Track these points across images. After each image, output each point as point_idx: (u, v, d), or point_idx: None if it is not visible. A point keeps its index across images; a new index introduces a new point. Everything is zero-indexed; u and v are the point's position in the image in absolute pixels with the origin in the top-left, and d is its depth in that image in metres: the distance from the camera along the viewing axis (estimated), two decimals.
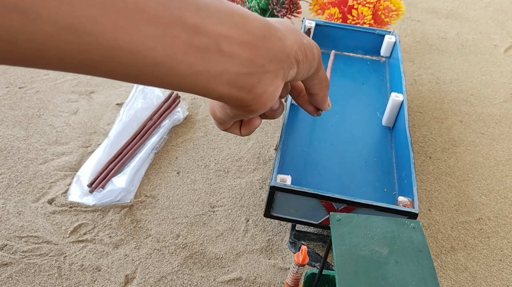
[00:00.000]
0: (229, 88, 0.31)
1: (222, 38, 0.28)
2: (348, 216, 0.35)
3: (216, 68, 0.29)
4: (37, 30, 0.21)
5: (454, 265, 0.57)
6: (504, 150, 0.74)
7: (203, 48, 0.27)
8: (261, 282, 0.53)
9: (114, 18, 0.23)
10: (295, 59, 0.35)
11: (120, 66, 0.25)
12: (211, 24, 0.28)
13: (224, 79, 0.30)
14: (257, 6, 0.84)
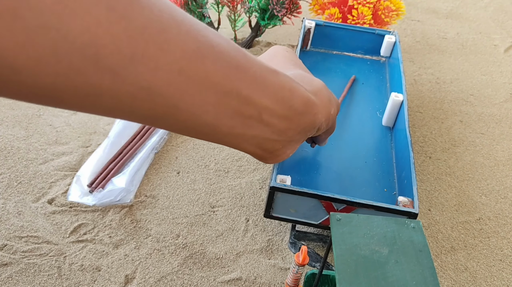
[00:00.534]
0: (255, 148, 0.34)
1: (266, 109, 0.31)
2: (348, 216, 0.35)
3: (251, 133, 0.31)
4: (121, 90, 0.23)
5: (454, 265, 0.57)
6: (504, 150, 0.74)
7: (247, 115, 0.30)
8: (261, 282, 0.53)
9: (184, 84, 0.25)
10: (318, 128, 0.38)
11: (176, 123, 0.27)
12: (261, 97, 0.30)
13: (254, 142, 0.33)
14: (257, 6, 0.84)
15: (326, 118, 0.38)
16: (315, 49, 0.79)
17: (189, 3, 0.81)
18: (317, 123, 0.36)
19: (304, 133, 0.36)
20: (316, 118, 0.36)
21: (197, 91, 0.26)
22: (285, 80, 0.32)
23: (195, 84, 0.25)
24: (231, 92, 0.28)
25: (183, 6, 0.80)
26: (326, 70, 0.75)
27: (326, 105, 0.37)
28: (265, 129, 0.32)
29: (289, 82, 0.32)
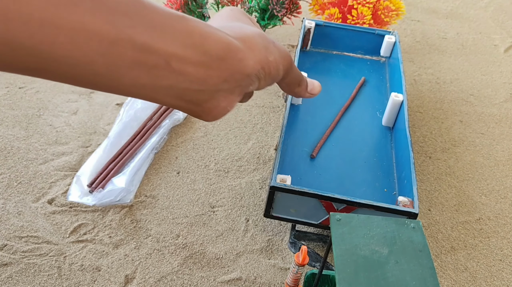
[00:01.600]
0: (176, 100, 0.32)
1: (174, 57, 0.29)
2: (348, 216, 0.35)
3: (163, 83, 0.30)
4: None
5: (454, 265, 0.57)
6: (504, 150, 0.74)
7: (151, 65, 0.28)
8: (261, 282, 0.53)
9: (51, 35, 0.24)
10: (256, 77, 0.36)
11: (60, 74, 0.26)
12: (163, 44, 0.28)
13: (171, 93, 0.31)
14: (257, 6, 0.84)
15: (263, 66, 0.36)
16: (315, 49, 0.79)
17: (189, 3, 0.81)
18: (248, 70, 0.34)
19: (235, 82, 0.34)
20: (244, 65, 0.34)
21: (71, 42, 0.24)
22: (195, 25, 0.30)
23: (66, 34, 0.24)
24: (120, 40, 0.26)
25: (183, 6, 0.80)
26: (326, 70, 0.75)
27: (259, 52, 0.35)
28: (180, 78, 0.30)
29: (200, 28, 0.31)
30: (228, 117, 0.74)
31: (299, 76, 0.45)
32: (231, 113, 0.75)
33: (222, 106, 0.35)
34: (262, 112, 0.76)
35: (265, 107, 0.77)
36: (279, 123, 0.74)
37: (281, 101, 0.78)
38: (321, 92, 0.70)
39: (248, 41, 0.35)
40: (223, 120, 0.73)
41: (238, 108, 0.76)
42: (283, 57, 0.39)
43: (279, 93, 0.80)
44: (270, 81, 0.38)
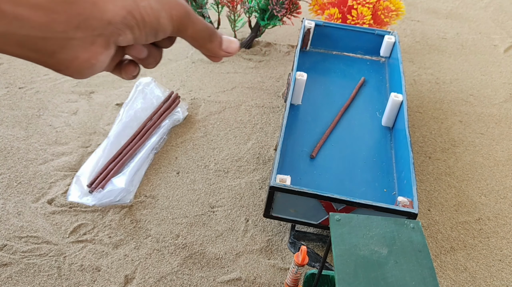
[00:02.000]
0: (20, 49, 0.29)
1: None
2: (348, 216, 0.35)
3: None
4: None
5: (454, 265, 0.57)
6: (504, 150, 0.74)
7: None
8: (261, 282, 0.53)
9: None
10: (124, 25, 0.31)
11: None
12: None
13: (11, 41, 0.28)
14: (257, 6, 0.84)
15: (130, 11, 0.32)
16: (315, 49, 0.79)
17: (188, 3, 0.81)
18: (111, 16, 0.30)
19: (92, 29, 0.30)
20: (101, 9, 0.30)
21: None
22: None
23: None
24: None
25: None
26: (325, 70, 0.75)
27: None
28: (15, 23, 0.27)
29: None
30: (228, 117, 0.74)
31: (207, 29, 0.39)
32: (230, 113, 0.75)
33: (83, 59, 0.31)
34: (262, 113, 0.76)
35: (264, 108, 0.77)
36: (278, 124, 0.74)
37: (281, 101, 0.78)
38: (321, 92, 0.71)
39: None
40: (223, 121, 0.73)
41: (237, 108, 0.76)
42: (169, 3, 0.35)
43: (278, 93, 0.80)
44: (151, 31, 0.34)
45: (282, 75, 0.85)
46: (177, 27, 0.36)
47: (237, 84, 0.81)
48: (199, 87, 0.80)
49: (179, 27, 0.36)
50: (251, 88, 0.81)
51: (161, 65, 0.85)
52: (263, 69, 0.86)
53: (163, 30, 0.35)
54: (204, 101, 0.77)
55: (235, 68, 0.85)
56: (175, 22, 0.36)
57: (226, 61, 0.87)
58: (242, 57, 0.88)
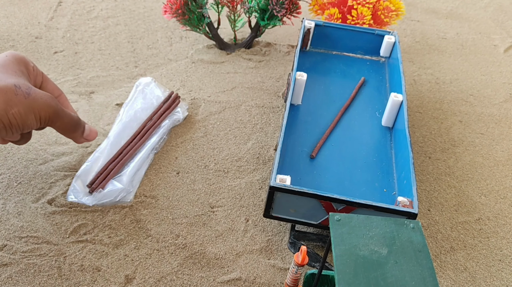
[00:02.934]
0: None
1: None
2: (348, 216, 0.35)
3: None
4: None
5: (454, 265, 0.57)
6: (504, 150, 0.74)
7: None
8: (261, 282, 0.53)
9: None
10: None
11: None
12: None
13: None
14: (257, 6, 0.84)
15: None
16: (315, 49, 0.79)
17: (188, 4, 0.81)
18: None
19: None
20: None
21: None
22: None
23: None
24: None
25: (182, 6, 0.80)
26: (325, 70, 0.75)
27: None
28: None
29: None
30: (228, 117, 0.74)
31: (72, 124, 0.51)
32: (230, 113, 0.75)
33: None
34: (262, 113, 0.76)
35: (264, 108, 0.77)
36: (278, 124, 0.74)
37: (280, 101, 0.78)
38: (321, 92, 0.71)
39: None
40: (223, 121, 0.73)
41: (237, 109, 0.76)
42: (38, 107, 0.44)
43: (278, 93, 0.80)
44: (17, 130, 0.44)
45: (282, 75, 0.85)
46: (44, 123, 0.46)
47: (237, 84, 0.81)
48: (199, 87, 0.80)
49: (46, 123, 0.47)
50: (251, 88, 0.81)
51: (161, 65, 0.85)
52: (263, 69, 0.86)
53: (29, 127, 0.45)
54: (204, 101, 0.77)
55: (235, 68, 0.85)
56: (43, 120, 0.46)
57: (226, 62, 0.87)
58: (242, 57, 0.88)
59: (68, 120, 0.49)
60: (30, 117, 0.44)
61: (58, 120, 0.48)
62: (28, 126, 0.45)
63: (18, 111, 0.42)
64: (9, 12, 0.96)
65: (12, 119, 0.42)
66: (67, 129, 0.51)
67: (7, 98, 0.41)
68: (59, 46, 0.88)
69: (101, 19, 0.97)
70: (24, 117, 0.43)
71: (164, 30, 0.95)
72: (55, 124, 0.48)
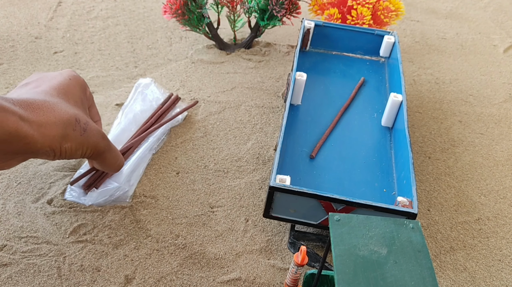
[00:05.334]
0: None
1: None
2: (347, 216, 0.35)
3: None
4: None
5: (453, 265, 0.57)
6: (504, 150, 0.74)
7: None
8: (260, 282, 0.53)
9: None
10: (42, 154, 0.42)
11: None
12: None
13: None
14: (257, 6, 0.84)
15: (53, 149, 0.42)
16: (315, 49, 0.79)
17: (188, 4, 0.81)
18: (34, 150, 0.40)
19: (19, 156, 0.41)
20: (31, 147, 0.40)
21: None
22: None
23: None
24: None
25: (182, 7, 0.80)
26: (325, 70, 0.75)
27: (52, 139, 0.42)
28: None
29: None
30: (227, 117, 0.74)
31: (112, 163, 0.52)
32: (230, 113, 0.75)
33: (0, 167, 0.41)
34: (262, 113, 0.76)
35: (264, 108, 0.77)
36: (278, 124, 0.74)
37: (280, 101, 0.79)
38: (320, 92, 0.71)
39: (46, 128, 0.41)
40: (222, 121, 0.73)
41: (237, 109, 0.76)
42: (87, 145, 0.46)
43: (278, 93, 0.80)
44: (63, 158, 0.45)
45: (282, 76, 0.85)
46: (88, 158, 0.49)
47: (237, 85, 0.81)
48: (198, 88, 0.80)
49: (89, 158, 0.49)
50: (250, 88, 0.81)
51: (160, 65, 0.85)
52: (263, 69, 0.86)
53: (72, 158, 0.47)
54: (204, 101, 0.77)
55: (235, 68, 0.85)
56: (87, 155, 0.47)
57: (225, 62, 0.87)
58: (241, 58, 0.88)
59: (110, 161, 0.51)
60: (78, 153, 0.46)
61: (101, 158, 0.49)
62: (72, 158, 0.46)
63: (71, 146, 0.44)
64: (8, 12, 0.96)
65: (63, 152, 0.44)
66: (105, 166, 0.52)
67: (66, 133, 0.43)
68: (59, 46, 0.88)
69: (101, 20, 0.97)
70: (74, 152, 0.45)
71: (163, 31, 0.95)
72: (97, 160, 0.50)
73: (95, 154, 0.48)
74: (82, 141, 0.45)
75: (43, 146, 0.41)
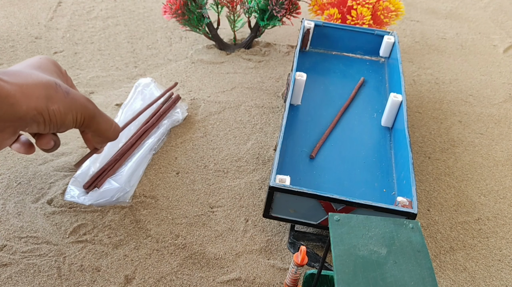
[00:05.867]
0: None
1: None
2: (347, 217, 0.35)
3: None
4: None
5: (453, 265, 0.57)
6: (503, 150, 0.74)
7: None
8: (260, 283, 0.53)
9: None
10: (32, 121, 0.40)
11: None
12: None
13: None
14: (257, 6, 0.84)
15: (40, 112, 0.40)
16: (315, 49, 0.79)
17: (188, 4, 0.81)
18: (21, 113, 0.38)
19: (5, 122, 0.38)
20: (15, 109, 0.38)
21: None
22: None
23: None
24: None
25: (182, 7, 0.81)
26: (325, 70, 0.75)
27: (36, 100, 0.39)
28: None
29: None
30: (227, 117, 0.74)
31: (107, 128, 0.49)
32: (230, 113, 0.75)
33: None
34: (262, 113, 0.76)
35: (264, 108, 0.77)
36: (278, 124, 0.74)
37: (280, 101, 0.79)
38: (320, 92, 0.71)
39: (27, 88, 0.39)
40: (222, 121, 0.73)
41: (237, 109, 0.76)
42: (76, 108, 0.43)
43: (278, 93, 0.80)
44: (54, 127, 0.43)
45: (282, 76, 0.85)
46: (79, 125, 0.45)
47: (237, 85, 0.81)
48: (198, 88, 0.80)
49: (81, 125, 0.46)
50: (250, 88, 0.81)
51: (160, 66, 0.85)
52: (263, 69, 0.86)
53: (66, 127, 0.44)
54: (204, 101, 0.77)
55: (235, 68, 0.85)
56: (79, 121, 0.45)
57: (225, 62, 0.87)
58: (241, 58, 0.88)
59: (105, 126, 0.48)
60: (68, 117, 0.43)
61: (94, 124, 0.47)
62: (65, 126, 0.44)
63: (58, 108, 0.42)
64: (8, 13, 0.96)
65: (52, 116, 0.41)
66: (102, 134, 0.49)
67: (49, 94, 0.41)
68: (58, 46, 0.88)
69: (100, 20, 0.97)
70: (63, 116, 0.42)
71: (163, 31, 0.95)
72: (91, 127, 0.47)
73: (87, 120, 0.46)
74: (68, 103, 0.43)
75: (29, 108, 0.39)
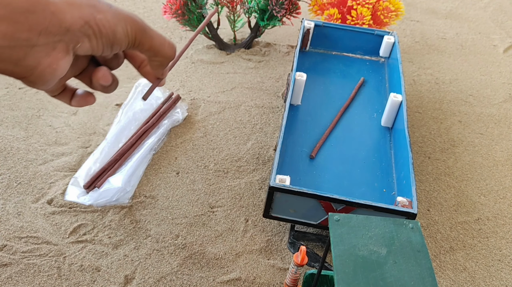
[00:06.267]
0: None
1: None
2: (347, 217, 0.35)
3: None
4: None
5: (453, 265, 0.57)
6: (503, 150, 0.74)
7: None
8: (260, 282, 0.53)
9: None
10: (81, 33, 0.34)
11: None
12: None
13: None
14: (257, 6, 0.84)
15: (87, 22, 0.35)
16: (315, 49, 0.79)
17: (188, 4, 0.81)
18: (70, 25, 0.33)
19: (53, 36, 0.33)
20: (60, 18, 0.33)
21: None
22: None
23: None
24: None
25: (182, 7, 0.81)
26: (325, 70, 0.75)
27: (80, 7, 0.34)
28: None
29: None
30: (227, 117, 0.74)
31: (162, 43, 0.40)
32: (230, 113, 0.75)
33: (46, 64, 0.33)
34: (262, 113, 0.76)
35: (264, 108, 0.77)
36: (278, 124, 0.74)
37: (280, 101, 0.79)
38: (320, 92, 0.71)
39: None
40: (222, 121, 0.73)
41: (237, 109, 0.76)
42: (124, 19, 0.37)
43: (278, 93, 0.80)
44: (107, 42, 0.37)
45: (282, 76, 0.85)
46: (132, 41, 0.39)
47: (237, 85, 0.81)
48: (198, 88, 0.80)
49: (134, 42, 0.39)
50: (250, 88, 0.81)
51: None
52: (263, 69, 0.86)
53: (119, 43, 0.38)
54: (204, 101, 0.77)
55: (235, 68, 0.85)
56: (130, 37, 0.38)
57: (225, 62, 0.87)
58: (241, 58, 0.88)
59: (159, 40, 0.40)
60: (119, 29, 0.37)
61: (147, 39, 0.39)
62: (116, 41, 0.38)
63: (106, 17, 0.36)
64: None
65: (101, 26, 0.36)
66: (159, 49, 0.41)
67: (92, 3, 0.35)
68: None
69: None
70: (112, 26, 0.37)
71: (164, 31, 0.95)
72: (145, 44, 0.40)
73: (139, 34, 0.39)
74: (115, 13, 0.37)
75: (73, 17, 0.33)
